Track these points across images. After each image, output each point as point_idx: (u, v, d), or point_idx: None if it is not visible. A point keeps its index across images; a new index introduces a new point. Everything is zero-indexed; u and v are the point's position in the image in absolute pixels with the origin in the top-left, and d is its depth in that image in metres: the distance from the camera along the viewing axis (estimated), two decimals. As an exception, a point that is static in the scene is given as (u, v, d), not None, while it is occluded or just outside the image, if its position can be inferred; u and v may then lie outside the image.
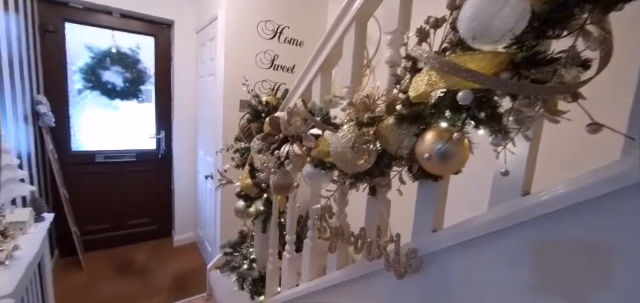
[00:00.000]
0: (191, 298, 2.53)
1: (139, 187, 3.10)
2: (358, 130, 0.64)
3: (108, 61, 2.69)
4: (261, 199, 1.30)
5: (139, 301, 2.44)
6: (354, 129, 0.64)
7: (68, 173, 2.67)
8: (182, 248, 3.23)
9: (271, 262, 1.38)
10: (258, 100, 1.10)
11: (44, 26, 2.42)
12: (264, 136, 0.97)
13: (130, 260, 2.97)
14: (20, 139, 2.05)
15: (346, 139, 0.64)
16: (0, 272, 1.16)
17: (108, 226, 3.04)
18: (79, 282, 2.61)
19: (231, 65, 2.16)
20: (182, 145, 3.09)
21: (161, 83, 2.98)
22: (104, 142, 2.89)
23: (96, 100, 2.77)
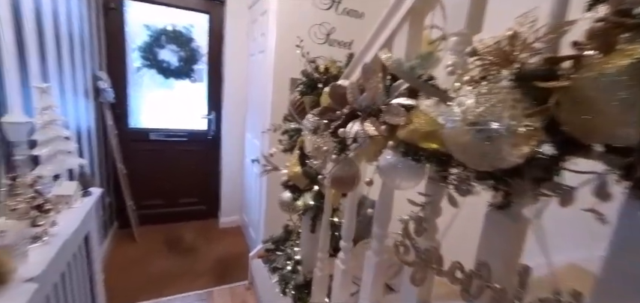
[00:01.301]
0: (233, 285, 2.40)
1: (190, 166, 3.06)
2: (514, 92, 0.33)
3: (163, 39, 2.63)
4: (311, 191, 1.04)
5: (185, 281, 2.38)
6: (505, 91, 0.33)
7: (125, 149, 2.69)
8: (227, 231, 3.14)
9: (320, 269, 1.12)
10: (315, 67, 0.83)
11: (107, 4, 2.41)
12: (321, 110, 0.69)
13: (179, 237, 2.95)
14: (80, 113, 2.04)
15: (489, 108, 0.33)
16: (34, 250, 1.05)
17: (160, 202, 3.05)
18: (132, 253, 2.64)
19: (282, 39, 1.92)
20: (231, 127, 2.96)
21: (213, 62, 2.86)
22: (159, 120, 2.87)
23: (152, 78, 2.74)
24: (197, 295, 2.26)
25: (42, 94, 1.40)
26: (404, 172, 0.51)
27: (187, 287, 2.30)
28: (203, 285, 2.35)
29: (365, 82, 0.54)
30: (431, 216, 0.59)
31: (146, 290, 2.22)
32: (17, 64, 1.32)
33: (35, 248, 1.07)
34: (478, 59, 0.42)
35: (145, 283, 2.31)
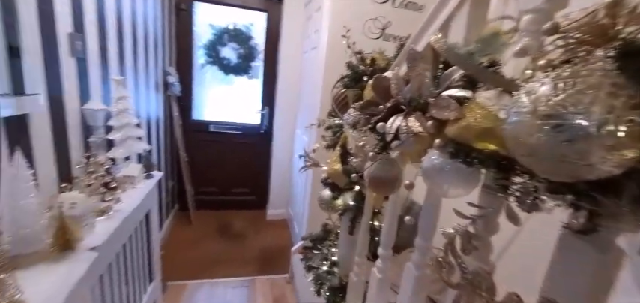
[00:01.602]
0: (274, 276, 2.45)
1: (243, 159, 3.21)
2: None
3: (225, 37, 2.79)
4: (351, 191, 0.98)
5: (231, 265, 2.49)
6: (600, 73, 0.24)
7: (188, 139, 2.91)
8: (274, 223, 3.22)
9: (356, 274, 1.05)
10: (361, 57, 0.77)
11: (178, 5, 2.63)
12: (363, 104, 0.63)
13: (229, 224, 3.11)
14: (151, 104, 2.25)
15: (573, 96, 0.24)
16: (99, 223, 1.17)
17: (215, 189, 3.25)
18: (188, 234, 2.85)
19: (335, 35, 1.88)
20: (282, 123, 3.03)
21: (268, 59, 2.96)
22: (217, 113, 3.06)
23: (214, 74, 2.93)
24: (241, 281, 2.35)
25: (118, 85, 1.55)
26: (452, 176, 0.43)
27: (233, 272, 2.41)
28: (247, 272, 2.44)
29: (410, 70, 0.47)
30: (483, 232, 0.48)
31: (198, 269, 2.38)
32: (99, 60, 1.49)
33: (101, 221, 1.19)
34: (560, 38, 0.32)
35: (197, 262, 2.48)
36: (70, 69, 1.24)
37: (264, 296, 2.26)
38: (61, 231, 0.97)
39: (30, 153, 1.06)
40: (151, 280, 1.92)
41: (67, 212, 1.00)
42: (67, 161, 1.28)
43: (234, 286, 2.31)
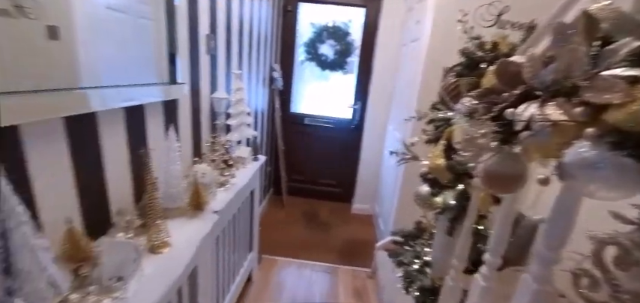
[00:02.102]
0: (356, 268, 2.47)
1: (333, 151, 3.32)
2: None
3: (324, 34, 2.93)
4: (454, 189, 0.91)
5: (316, 251, 2.62)
6: None
7: (285, 129, 3.17)
8: (358, 217, 3.25)
9: (452, 279, 0.98)
10: (480, 43, 0.70)
11: (285, 6, 2.88)
12: (482, 92, 0.58)
13: (316, 213, 3.27)
14: (258, 96, 2.53)
15: None
16: (219, 192, 1.39)
17: (305, 178, 3.46)
18: (280, 216, 3.12)
19: (438, 26, 1.77)
20: (374, 118, 3.02)
21: (364, 55, 2.97)
22: (312, 107, 3.23)
23: (312, 70, 3.11)
24: (325, 266, 2.45)
25: (236, 78, 1.80)
26: (609, 173, 0.35)
27: (317, 257, 2.53)
28: (330, 259, 2.53)
29: (556, 48, 0.40)
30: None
31: (287, 248, 2.58)
32: (224, 56, 1.74)
33: (221, 191, 1.40)
34: None
35: (287, 242, 2.69)
36: (205, 64, 1.49)
37: (345, 285, 2.31)
38: (195, 194, 1.18)
39: (177, 130, 1.32)
40: (251, 250, 2.17)
41: (200, 180, 1.21)
42: (199, 139, 1.54)
43: (319, 270, 2.42)
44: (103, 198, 0.96)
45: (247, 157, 1.77)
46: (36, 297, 0.62)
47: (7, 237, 0.57)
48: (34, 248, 0.61)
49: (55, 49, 0.71)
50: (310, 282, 2.29)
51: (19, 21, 0.60)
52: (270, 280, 2.26)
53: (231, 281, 1.77)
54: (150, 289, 0.83)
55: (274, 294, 2.14)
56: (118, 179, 1.02)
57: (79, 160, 0.84)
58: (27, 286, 0.61)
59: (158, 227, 0.99)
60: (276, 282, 2.25)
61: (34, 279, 0.61)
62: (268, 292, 2.14)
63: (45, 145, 0.74)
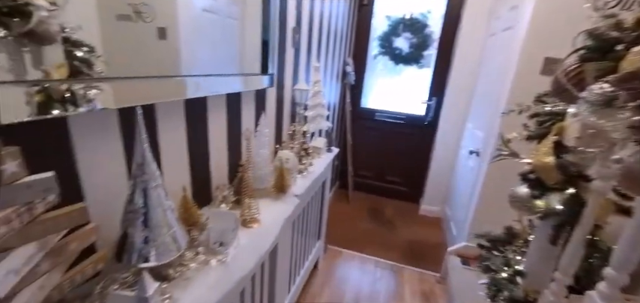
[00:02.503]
0: (422, 270, 2.37)
1: (402, 148, 3.21)
2: None
3: (400, 27, 2.84)
4: (562, 192, 0.80)
5: (379, 247, 2.58)
6: None
7: (354, 124, 3.18)
8: (426, 219, 3.10)
9: (554, 294, 0.87)
10: (616, 22, 0.59)
11: (361, 1, 2.87)
12: (625, 77, 0.49)
13: (380, 210, 3.22)
14: (331, 89, 2.58)
15: None
16: (300, 178, 1.46)
17: (372, 174, 3.42)
18: (344, 210, 3.15)
19: (541, 11, 1.56)
20: (450, 115, 2.82)
21: (443, 47, 2.79)
22: (383, 102, 3.17)
23: (385, 64, 3.04)
24: (390, 264, 2.40)
25: (315, 71, 1.86)
26: None
27: (381, 254, 2.50)
28: (394, 258, 2.47)
29: None
30: None
31: (351, 242, 2.60)
32: (306, 49, 1.82)
33: (299, 178, 1.47)
34: None
35: (351, 236, 2.71)
36: (290, 56, 1.58)
37: (411, 287, 2.23)
38: (280, 178, 1.27)
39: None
40: (319, 238, 2.25)
41: (284, 165, 1.29)
42: (280, 128, 1.64)
43: (383, 267, 2.38)
44: (206, 173, 1.10)
45: (322, 147, 1.82)
46: (163, 249, 0.74)
47: (147, 195, 0.70)
48: (165, 207, 0.73)
49: (163, 46, 0.82)
50: (374, 278, 2.27)
51: (137, 24, 0.72)
52: (334, 270, 2.31)
53: (300, 265, 1.86)
54: (245, 257, 0.92)
55: (339, 285, 2.17)
56: (218, 158, 1.14)
57: (192, 138, 0.97)
58: (158, 238, 0.73)
59: (249, 204, 1.09)
60: (341, 273, 2.29)
61: (163, 233, 0.73)
62: (333, 282, 2.19)
63: (169, 122, 0.88)
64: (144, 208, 0.71)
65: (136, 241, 0.73)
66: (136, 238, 0.72)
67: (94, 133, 0.67)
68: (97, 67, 0.59)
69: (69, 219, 0.54)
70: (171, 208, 0.78)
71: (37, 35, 0.43)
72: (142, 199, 0.71)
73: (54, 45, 0.47)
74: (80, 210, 0.56)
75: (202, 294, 0.76)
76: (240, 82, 1.16)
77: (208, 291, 0.78)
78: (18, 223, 0.47)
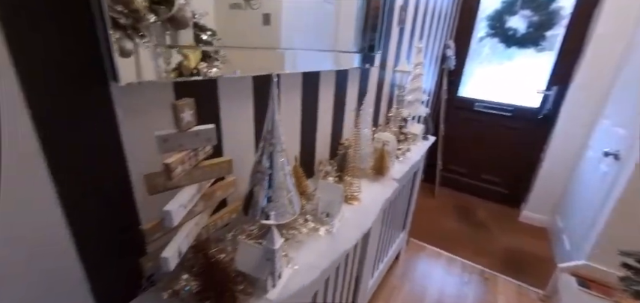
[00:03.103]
0: (520, 283, 2.07)
1: (504, 144, 2.82)
2: None
3: (518, 3, 2.44)
4: None
5: (467, 250, 2.35)
6: None
7: (448, 114, 2.91)
8: (528, 228, 2.68)
9: None
10: None
11: (468, -24, 2.56)
12: None
13: (471, 210, 2.92)
14: (428, 75, 2.40)
15: None
16: (397, 163, 1.40)
17: (464, 171, 3.11)
18: (429, 204, 2.95)
19: None
20: (576, 107, 2.31)
21: (575, 26, 2.27)
22: (486, 91, 2.81)
23: (493, 47, 2.68)
24: (479, 269, 2.17)
25: (418, 52, 1.74)
26: None
27: (469, 256, 2.27)
28: (485, 264, 2.21)
29: None
30: None
31: (435, 238, 2.43)
32: (410, 29, 1.71)
33: (396, 162, 1.42)
34: None
35: (435, 232, 2.53)
36: (394, 36, 1.50)
37: (507, 299, 1.98)
38: (380, 159, 1.23)
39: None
40: (403, 229, 2.16)
41: (385, 147, 1.25)
42: (378, 109, 1.60)
43: (471, 271, 2.17)
44: (312, 147, 1.14)
45: (419, 134, 1.72)
46: (281, 210, 0.79)
47: (273, 159, 0.75)
48: (286, 172, 0.78)
49: (266, 31, 0.84)
50: (461, 281, 2.09)
51: (246, 11, 0.75)
52: (416, 264, 2.20)
53: (384, 253, 1.82)
54: (348, 231, 0.92)
55: (420, 280, 2.06)
56: (324, 133, 1.17)
57: (305, 111, 1.01)
58: (278, 200, 0.78)
59: (351, 182, 1.09)
60: (423, 269, 2.16)
61: (282, 196, 0.78)
62: (414, 277, 2.09)
63: (288, 93, 0.92)
64: (269, 170, 0.77)
65: (260, 199, 0.79)
66: (261, 197, 0.79)
67: (233, 99, 0.74)
68: (220, 52, 0.64)
69: (219, 168, 0.61)
70: (290, 173, 0.82)
71: (176, 20, 0.49)
72: (268, 162, 0.77)
73: (187, 29, 0.53)
74: (228, 162, 0.62)
75: (313, 259, 0.79)
76: (345, 59, 1.15)
77: (318, 257, 0.80)
78: (188, 165, 0.54)
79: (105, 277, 0.58)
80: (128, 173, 0.56)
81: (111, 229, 0.57)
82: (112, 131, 0.52)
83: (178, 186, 0.56)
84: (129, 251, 0.61)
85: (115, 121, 0.52)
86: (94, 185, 0.52)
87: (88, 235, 0.53)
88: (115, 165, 0.54)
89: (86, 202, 0.51)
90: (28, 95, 0.42)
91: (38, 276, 0.48)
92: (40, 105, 0.43)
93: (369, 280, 1.60)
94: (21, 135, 0.42)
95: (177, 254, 0.54)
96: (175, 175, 0.50)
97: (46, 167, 0.45)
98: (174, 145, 0.51)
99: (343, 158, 1.16)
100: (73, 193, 0.49)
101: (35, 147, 0.44)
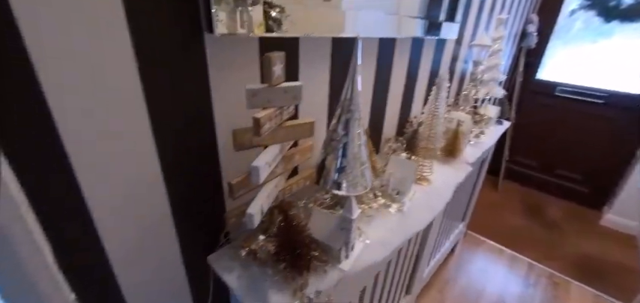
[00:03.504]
0: (598, 293, 1.82)
1: (591, 136, 2.43)
2: None
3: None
4: None
5: (535, 250, 2.12)
6: None
7: (522, 98, 2.59)
8: (611, 233, 2.33)
9: None
10: None
11: (563, -62, 2.19)
12: None
13: (540, 207, 2.61)
14: (505, 53, 2.14)
15: None
16: (470, 146, 1.28)
17: (534, 164, 2.78)
18: (491, 197, 2.71)
19: None
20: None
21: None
22: (571, 74, 2.43)
23: (586, 22, 2.28)
24: (549, 273, 1.95)
25: (499, 25, 1.54)
26: None
27: (536, 257, 2.04)
28: (557, 268, 1.98)
29: None
30: None
31: (495, 234, 2.22)
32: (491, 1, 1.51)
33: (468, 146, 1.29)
34: None
35: (496, 227, 2.32)
36: (475, 5, 1.34)
37: (582, 310, 1.75)
38: (452, 140, 1.13)
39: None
40: (462, 220, 2.01)
41: (459, 127, 1.14)
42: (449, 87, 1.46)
43: (540, 274, 1.95)
44: (381, 121, 1.07)
45: (493, 117, 1.54)
46: (354, 182, 0.75)
47: (349, 127, 0.70)
48: (361, 142, 0.73)
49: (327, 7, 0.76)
50: (526, 282, 1.89)
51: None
52: (473, 259, 2.04)
53: (441, 243, 1.71)
54: (420, 212, 0.85)
55: (477, 275, 1.91)
56: (393, 108, 1.10)
57: (378, 81, 0.94)
58: (351, 171, 0.74)
59: (421, 162, 1.01)
60: (481, 264, 2.00)
61: (356, 167, 0.74)
62: (471, 271, 1.94)
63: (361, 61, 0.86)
64: (345, 139, 0.73)
65: (332, 168, 0.76)
66: (333, 166, 0.76)
67: (312, 61, 0.70)
68: (284, 26, 0.59)
69: (302, 130, 0.58)
70: (365, 144, 0.78)
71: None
72: (343, 131, 0.73)
73: (257, 6, 0.49)
74: (310, 125, 0.60)
75: (385, 235, 0.75)
76: (417, 26, 1.04)
77: (389, 233, 0.76)
78: (274, 123, 0.52)
79: (190, 228, 0.60)
80: (214, 128, 0.56)
81: (198, 183, 0.58)
82: (203, 83, 0.52)
83: (263, 145, 0.54)
84: (211, 207, 0.62)
85: (206, 73, 0.51)
86: (185, 136, 0.52)
87: (178, 187, 0.54)
88: (204, 118, 0.54)
89: (178, 153, 0.52)
90: (135, 44, 0.42)
91: (140, 221, 0.51)
92: (144, 53, 0.43)
93: (426, 267, 1.52)
94: (128, 87, 0.43)
95: (260, 212, 0.54)
96: (263, 131, 0.48)
97: (148, 117, 0.46)
98: (263, 101, 0.49)
99: (413, 136, 1.08)
100: (168, 142, 0.50)
101: (140, 98, 0.45)
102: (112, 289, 0.52)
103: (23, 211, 0.36)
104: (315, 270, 0.61)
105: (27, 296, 0.39)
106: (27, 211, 0.37)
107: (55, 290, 0.42)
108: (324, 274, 0.62)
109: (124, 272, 0.52)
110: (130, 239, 0.51)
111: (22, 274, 0.38)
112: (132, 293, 0.55)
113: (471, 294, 1.77)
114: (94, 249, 0.47)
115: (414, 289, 1.42)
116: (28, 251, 0.37)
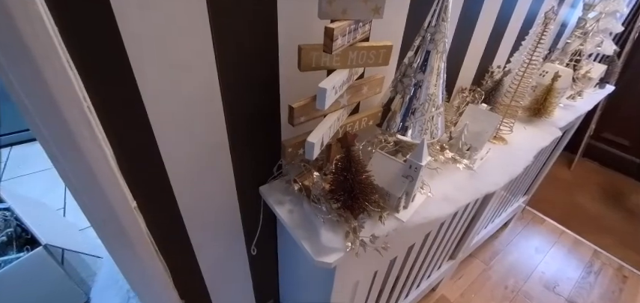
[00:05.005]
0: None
1: None
2: None
3: None
4: None
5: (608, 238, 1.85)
6: None
7: (630, 62, 2.09)
8: None
9: None
10: None
11: None
12: None
13: (622, 192, 2.23)
14: None
15: None
16: (559, 109, 1.06)
17: (627, 143, 2.32)
18: (562, 175, 2.38)
19: None
20: None
21: None
22: None
23: None
24: (618, 264, 1.70)
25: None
26: None
27: (606, 245, 1.78)
28: (631, 261, 1.71)
29: None
30: None
31: (559, 214, 1.97)
32: None
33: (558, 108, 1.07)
34: None
35: (563, 207, 2.06)
36: None
37: (654, 310, 1.52)
38: (542, 98, 0.93)
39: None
40: (524, 194, 1.79)
41: (554, 83, 0.93)
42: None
43: (604, 262, 1.72)
44: (458, 66, 0.91)
45: (595, 78, 1.25)
46: (420, 128, 0.65)
47: (428, 62, 0.59)
48: (439, 82, 0.61)
49: None
50: (589, 270, 1.68)
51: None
52: (528, 236, 1.84)
53: (497, 213, 1.55)
54: (491, 172, 0.73)
55: (530, 253, 1.74)
56: (473, 55, 0.92)
57: (463, 17, 0.78)
58: (421, 116, 0.64)
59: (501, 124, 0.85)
60: (537, 243, 1.80)
61: (426, 111, 0.63)
62: (524, 248, 1.76)
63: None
64: (420, 75, 0.62)
65: (401, 110, 0.67)
66: (403, 107, 0.66)
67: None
68: None
69: (376, 54, 0.49)
70: (443, 88, 0.66)
71: None
72: (421, 66, 0.61)
73: None
74: (387, 49, 0.49)
75: (449, 191, 0.65)
76: None
77: (455, 190, 0.66)
78: (346, 40, 0.43)
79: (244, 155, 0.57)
80: (277, 42, 0.49)
81: (255, 106, 0.53)
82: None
83: (331, 67, 0.46)
84: (266, 135, 0.58)
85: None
86: (245, 51, 0.46)
87: (235, 108, 0.50)
88: (267, 32, 0.47)
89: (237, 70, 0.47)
90: None
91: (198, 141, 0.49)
92: None
93: (476, 236, 1.41)
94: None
95: (320, 143, 0.48)
96: (336, 46, 0.40)
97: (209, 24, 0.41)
98: (338, 10, 0.40)
99: (495, 88, 0.91)
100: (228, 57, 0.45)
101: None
102: (170, 203, 0.52)
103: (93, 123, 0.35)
104: (370, 215, 0.56)
105: (93, 195, 0.39)
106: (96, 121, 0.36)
107: (121, 196, 0.42)
108: (379, 220, 0.56)
109: (181, 189, 0.51)
110: (188, 158, 0.49)
111: (92, 176, 0.37)
112: (188, 211, 0.55)
113: (520, 271, 1.63)
114: (153, 162, 0.46)
115: (459, 255, 1.33)
116: (95, 156, 0.37)
